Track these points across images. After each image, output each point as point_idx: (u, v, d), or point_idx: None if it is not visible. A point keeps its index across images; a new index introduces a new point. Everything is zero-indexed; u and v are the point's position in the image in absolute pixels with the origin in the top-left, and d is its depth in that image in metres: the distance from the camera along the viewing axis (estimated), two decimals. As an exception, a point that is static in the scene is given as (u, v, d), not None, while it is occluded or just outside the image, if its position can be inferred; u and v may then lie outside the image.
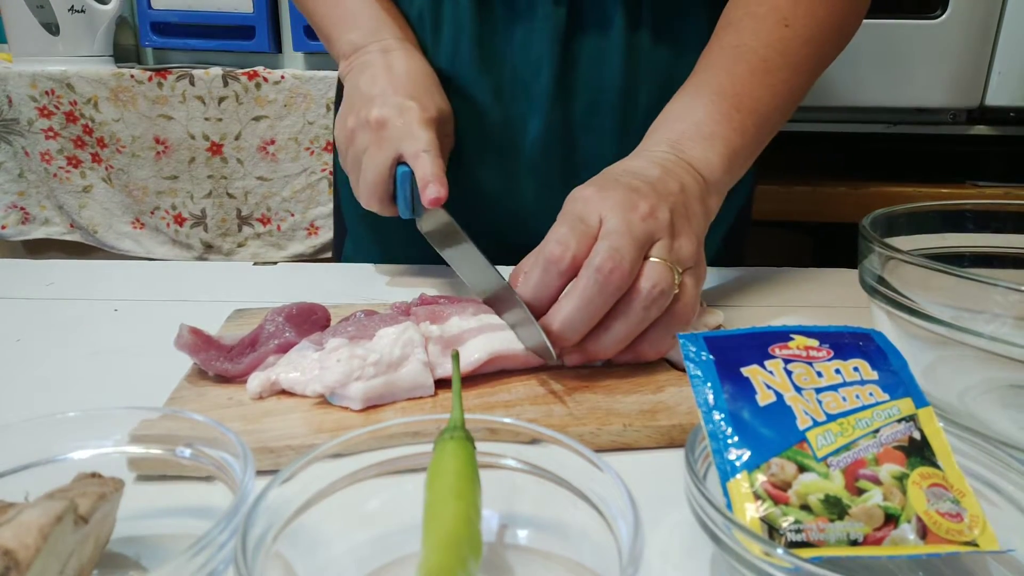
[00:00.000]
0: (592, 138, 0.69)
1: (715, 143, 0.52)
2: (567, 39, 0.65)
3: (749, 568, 0.26)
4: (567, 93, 0.67)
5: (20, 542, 0.23)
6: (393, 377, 0.41)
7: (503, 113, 0.68)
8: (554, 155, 0.69)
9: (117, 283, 0.65)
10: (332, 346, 0.42)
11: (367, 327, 0.45)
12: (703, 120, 0.53)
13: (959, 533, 0.27)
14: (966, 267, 0.41)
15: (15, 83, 1.36)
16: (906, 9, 1.11)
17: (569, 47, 0.66)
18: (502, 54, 0.66)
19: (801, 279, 0.68)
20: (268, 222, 1.49)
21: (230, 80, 1.39)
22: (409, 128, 0.57)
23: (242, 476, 0.28)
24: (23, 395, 0.45)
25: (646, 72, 0.67)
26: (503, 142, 0.69)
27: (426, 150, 0.56)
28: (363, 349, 0.42)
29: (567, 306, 0.43)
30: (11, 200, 1.45)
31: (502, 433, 0.31)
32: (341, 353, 0.41)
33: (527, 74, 0.67)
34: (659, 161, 0.50)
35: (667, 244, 0.44)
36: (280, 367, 0.43)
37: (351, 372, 0.40)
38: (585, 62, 0.66)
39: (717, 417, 0.30)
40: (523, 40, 0.66)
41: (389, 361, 0.41)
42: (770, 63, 0.55)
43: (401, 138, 0.56)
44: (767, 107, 0.55)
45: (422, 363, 0.42)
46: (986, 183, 1.20)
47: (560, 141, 0.69)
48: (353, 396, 0.40)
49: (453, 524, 0.26)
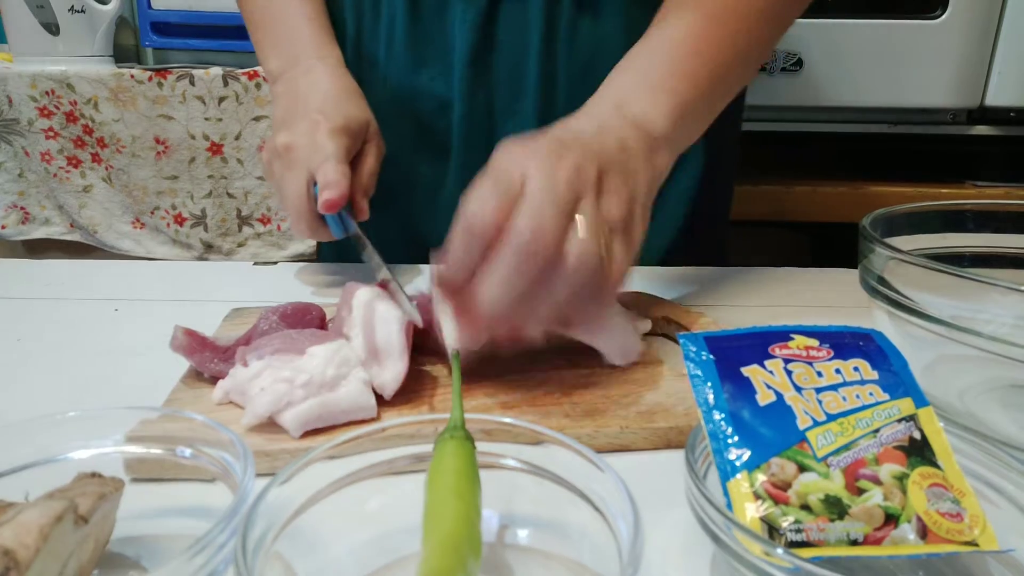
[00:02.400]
0: (514, 123, 0.69)
1: (661, 96, 0.48)
2: (487, 21, 0.66)
3: (749, 568, 0.26)
4: (486, 77, 0.68)
5: (20, 542, 0.23)
6: (328, 399, 0.38)
7: (432, 101, 0.69)
8: (478, 142, 0.69)
9: (117, 283, 0.65)
10: (253, 371, 0.39)
11: (296, 342, 0.41)
12: (650, 70, 0.49)
13: (959, 533, 0.27)
14: (966, 267, 0.41)
15: (15, 83, 1.36)
16: (906, 9, 1.11)
17: (489, 29, 0.66)
18: (431, 40, 0.67)
19: (801, 279, 0.68)
20: (268, 222, 1.48)
21: (230, 80, 1.38)
22: (314, 142, 0.56)
23: (242, 476, 0.28)
24: (23, 395, 0.45)
25: (566, 53, 0.67)
26: (432, 131, 0.70)
27: (327, 158, 0.55)
28: (290, 371, 0.39)
29: (489, 281, 0.38)
30: (11, 200, 1.45)
31: (502, 433, 0.31)
32: (264, 379, 0.38)
33: (451, 59, 0.67)
34: (598, 118, 0.46)
35: (593, 203, 0.40)
36: (227, 381, 0.41)
37: (278, 398, 0.37)
38: (505, 44, 0.67)
39: (717, 417, 0.30)
40: (448, 24, 0.66)
41: (321, 382, 0.38)
42: (728, 10, 0.52)
43: (309, 156, 0.56)
44: (725, 56, 0.51)
45: (362, 383, 0.39)
46: (986, 183, 1.20)
47: (483, 127, 0.69)
48: (288, 425, 0.37)
49: (453, 524, 0.26)
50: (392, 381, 0.40)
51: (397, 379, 0.40)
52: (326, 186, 0.54)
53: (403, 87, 0.70)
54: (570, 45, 0.67)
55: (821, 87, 1.15)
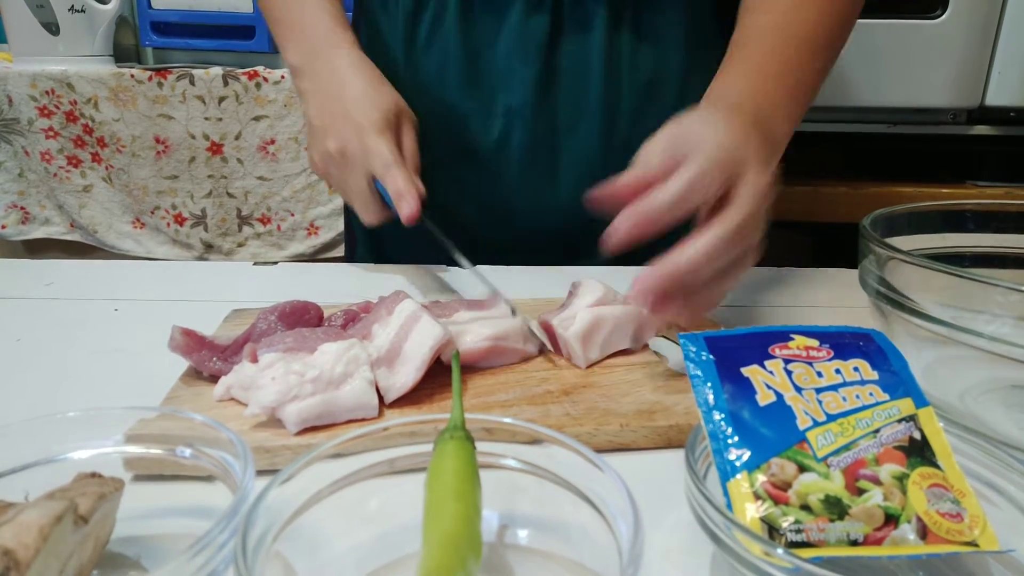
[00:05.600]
0: (576, 140, 0.70)
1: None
2: (550, 46, 0.67)
3: (749, 568, 0.26)
4: (551, 101, 0.69)
5: (20, 542, 0.23)
6: (333, 396, 0.38)
7: (488, 123, 0.70)
8: (540, 160, 0.71)
9: (117, 283, 0.65)
10: (266, 361, 0.40)
11: (307, 340, 0.42)
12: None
13: (959, 533, 0.27)
14: (966, 267, 0.41)
15: (15, 83, 1.36)
16: (906, 9, 1.11)
17: (552, 54, 0.67)
18: (487, 66, 0.68)
19: (801, 279, 0.68)
20: (268, 222, 1.49)
21: (230, 80, 1.38)
22: (365, 145, 0.59)
23: (242, 476, 0.28)
24: (23, 395, 0.45)
25: (629, 73, 0.68)
26: (488, 148, 0.71)
27: (388, 164, 0.58)
28: (300, 364, 0.39)
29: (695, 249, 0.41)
30: (11, 200, 1.45)
31: (502, 433, 0.31)
32: (276, 370, 0.39)
33: (512, 85, 0.68)
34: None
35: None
36: (230, 376, 0.41)
37: (287, 390, 0.38)
38: (567, 68, 0.68)
39: (717, 417, 0.30)
40: (506, 51, 0.67)
41: (329, 379, 0.39)
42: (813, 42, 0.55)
43: (365, 158, 0.59)
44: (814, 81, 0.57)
45: (367, 382, 0.40)
46: (986, 183, 1.20)
47: (545, 146, 0.70)
48: (288, 419, 0.37)
49: (453, 524, 0.26)
50: (400, 387, 0.41)
51: (405, 386, 0.41)
52: (399, 197, 0.57)
53: (456, 113, 0.70)
54: (632, 69, 0.68)
55: (821, 87, 1.15)
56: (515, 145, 0.70)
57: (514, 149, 0.70)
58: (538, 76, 0.67)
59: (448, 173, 0.71)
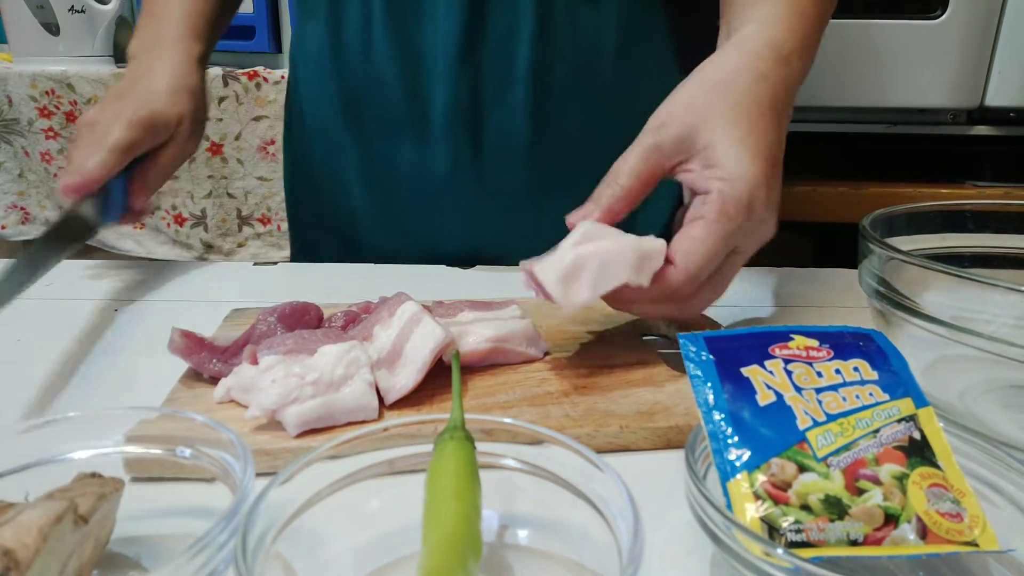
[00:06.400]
0: (501, 113, 0.68)
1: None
2: (475, 8, 0.65)
3: (749, 568, 0.26)
4: (475, 65, 0.66)
5: (20, 542, 0.23)
6: (333, 398, 0.38)
7: (413, 87, 0.68)
8: (462, 130, 0.69)
9: (117, 283, 0.65)
10: (266, 364, 0.40)
11: (307, 342, 0.42)
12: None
13: (959, 533, 0.27)
14: (966, 267, 0.41)
15: (15, 83, 1.36)
16: (906, 9, 1.11)
17: (478, 16, 0.65)
18: (411, 26, 0.67)
19: (801, 279, 0.68)
20: (268, 222, 1.48)
21: (230, 80, 1.38)
22: (109, 127, 0.58)
23: (242, 476, 0.28)
24: (23, 395, 0.45)
25: (564, 43, 0.66)
26: (413, 117, 0.69)
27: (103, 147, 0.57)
28: (301, 367, 0.39)
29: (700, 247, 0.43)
30: (11, 200, 1.45)
31: (502, 433, 0.31)
32: (276, 372, 0.39)
33: (435, 46, 0.66)
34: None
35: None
36: (230, 378, 0.41)
37: (288, 392, 0.38)
38: (494, 32, 0.65)
39: (717, 417, 0.30)
40: (431, 11, 0.66)
41: (329, 381, 0.39)
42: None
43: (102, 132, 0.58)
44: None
45: (367, 383, 0.40)
46: (986, 183, 1.20)
47: (468, 115, 0.68)
48: (288, 421, 0.37)
49: (453, 524, 0.25)
50: (401, 388, 0.41)
51: (406, 388, 0.41)
52: (74, 171, 0.56)
53: (382, 74, 0.69)
54: (571, 34, 0.66)
55: (821, 87, 1.15)
56: (439, 112, 0.68)
57: (438, 117, 0.68)
58: (463, 34, 0.65)
59: (379, 151, 0.70)
